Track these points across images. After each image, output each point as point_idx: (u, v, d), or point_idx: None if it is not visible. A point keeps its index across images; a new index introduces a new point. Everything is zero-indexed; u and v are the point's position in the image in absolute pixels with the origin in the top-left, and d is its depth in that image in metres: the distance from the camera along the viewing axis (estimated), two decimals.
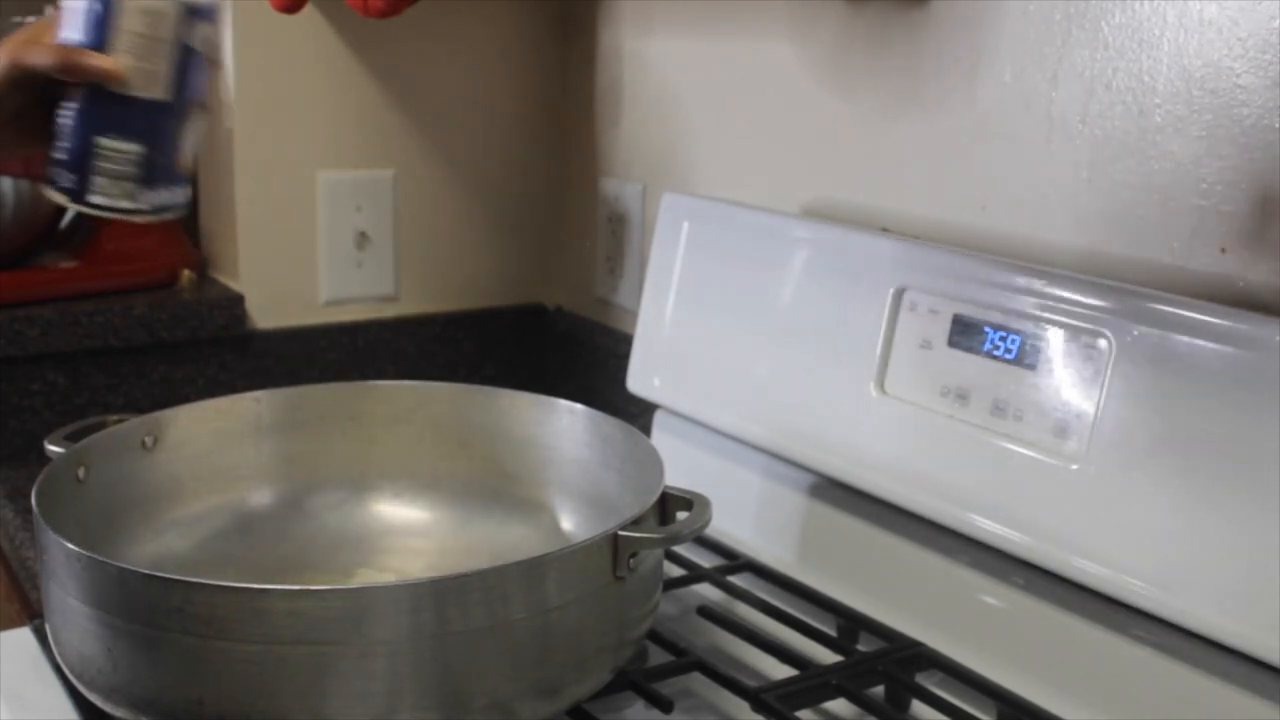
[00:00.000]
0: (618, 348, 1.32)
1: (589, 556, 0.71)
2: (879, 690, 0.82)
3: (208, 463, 0.92)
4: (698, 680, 0.82)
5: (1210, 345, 0.74)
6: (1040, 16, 0.90)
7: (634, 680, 0.79)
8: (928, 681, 0.82)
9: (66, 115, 0.78)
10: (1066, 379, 0.81)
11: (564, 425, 0.93)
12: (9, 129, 0.80)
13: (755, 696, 0.78)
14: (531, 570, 0.69)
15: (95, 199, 0.79)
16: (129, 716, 0.69)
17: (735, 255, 1.05)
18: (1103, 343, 0.79)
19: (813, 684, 0.81)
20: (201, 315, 1.30)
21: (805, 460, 0.98)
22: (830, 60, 1.07)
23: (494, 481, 0.96)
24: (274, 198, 1.32)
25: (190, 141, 0.82)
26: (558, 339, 1.46)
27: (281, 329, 1.35)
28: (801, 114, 1.10)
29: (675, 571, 0.95)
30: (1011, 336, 0.84)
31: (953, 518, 0.87)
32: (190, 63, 0.81)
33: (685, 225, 1.11)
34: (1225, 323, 0.74)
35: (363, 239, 1.37)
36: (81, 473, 0.82)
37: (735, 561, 0.98)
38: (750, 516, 1.05)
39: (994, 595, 0.87)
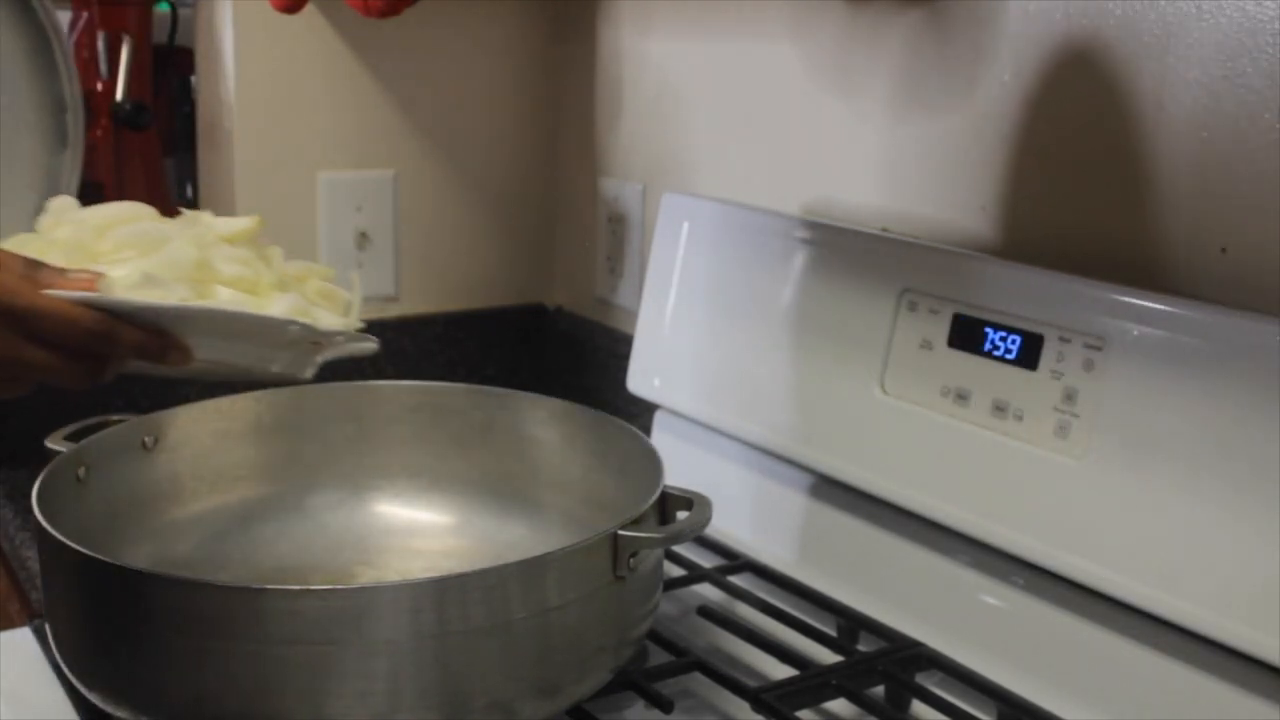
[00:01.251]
0: (618, 348, 1.32)
1: (589, 556, 0.71)
2: (879, 690, 0.82)
3: (208, 463, 0.92)
4: (698, 680, 0.82)
5: (1210, 345, 0.74)
6: (1040, 16, 0.90)
7: (634, 680, 0.79)
8: (928, 681, 0.82)
9: None
10: (1066, 379, 0.81)
11: (564, 425, 0.93)
12: None
13: (755, 696, 0.78)
14: (531, 570, 0.69)
15: None
16: (129, 716, 0.69)
17: (735, 255, 1.05)
18: (1102, 343, 0.79)
19: (813, 684, 0.81)
20: None
21: (805, 460, 0.98)
22: (830, 60, 1.07)
23: (494, 481, 0.96)
24: (274, 198, 1.32)
25: None
26: (558, 339, 1.46)
27: None
28: (801, 114, 1.10)
29: (675, 571, 0.95)
30: (1011, 336, 0.84)
31: (953, 518, 0.87)
32: None
33: (685, 225, 1.11)
34: (1225, 323, 0.74)
35: (363, 239, 1.37)
36: (81, 472, 0.82)
37: (735, 561, 0.98)
38: (750, 516, 1.05)
39: (994, 595, 0.87)
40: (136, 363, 0.72)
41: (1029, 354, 0.83)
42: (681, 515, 0.78)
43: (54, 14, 1.09)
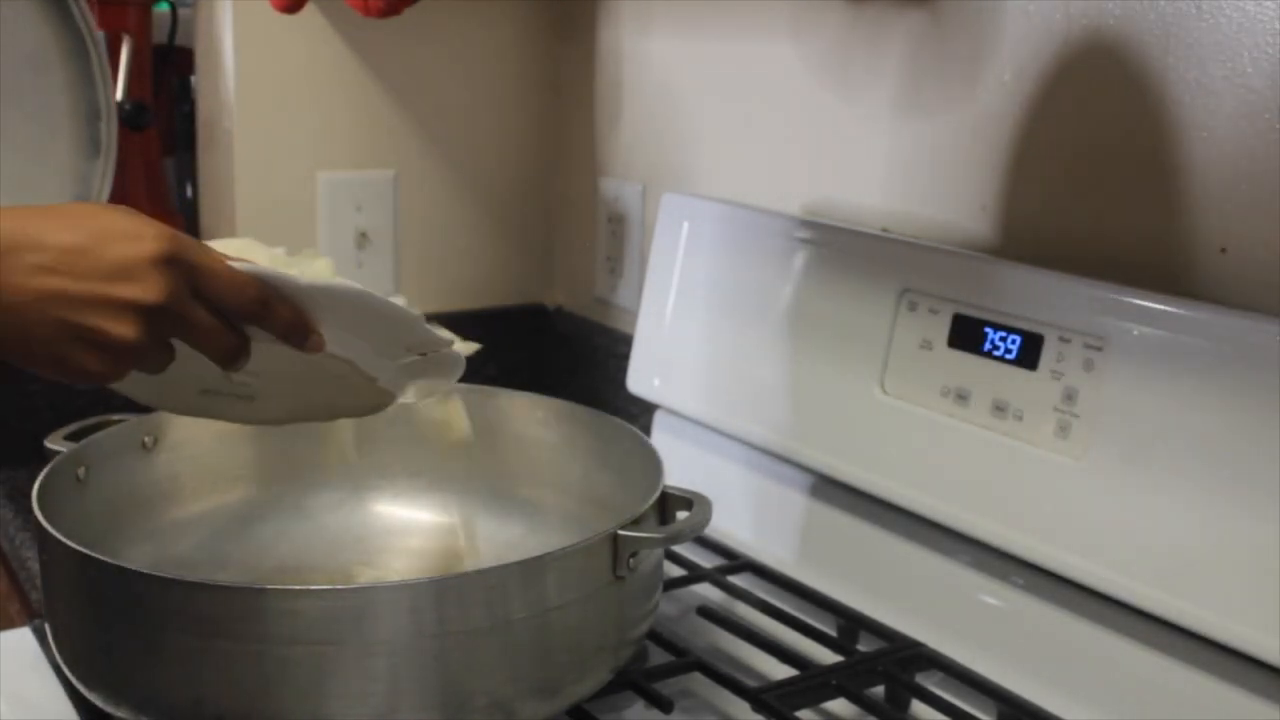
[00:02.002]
0: (618, 348, 1.32)
1: (589, 556, 0.71)
2: (879, 690, 0.82)
3: (208, 463, 0.92)
4: (698, 680, 0.82)
5: (1210, 345, 0.74)
6: (1040, 16, 0.90)
7: (634, 680, 0.79)
8: (928, 681, 0.82)
9: None
10: (1066, 379, 0.81)
11: (564, 425, 0.93)
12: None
13: (755, 696, 0.78)
14: (531, 570, 0.69)
15: None
16: (129, 716, 0.69)
17: (735, 255, 1.05)
18: (1103, 343, 0.79)
19: (813, 684, 0.81)
20: None
21: (805, 460, 0.98)
22: (830, 60, 1.07)
23: (494, 481, 0.96)
24: (274, 198, 1.32)
25: None
26: (558, 339, 1.46)
27: None
28: (801, 114, 1.10)
29: (675, 571, 0.95)
30: (1011, 336, 0.84)
31: (953, 518, 0.87)
32: None
33: (685, 225, 1.11)
34: (1225, 322, 0.74)
35: (363, 239, 1.37)
36: (81, 472, 0.82)
37: (735, 561, 0.98)
38: (750, 516, 1.05)
39: (994, 595, 0.87)
40: (240, 405, 0.76)
41: (1029, 354, 0.83)
42: (681, 515, 0.78)
43: (92, 21, 1.09)
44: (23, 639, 0.86)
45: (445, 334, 0.77)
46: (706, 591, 0.95)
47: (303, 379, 0.74)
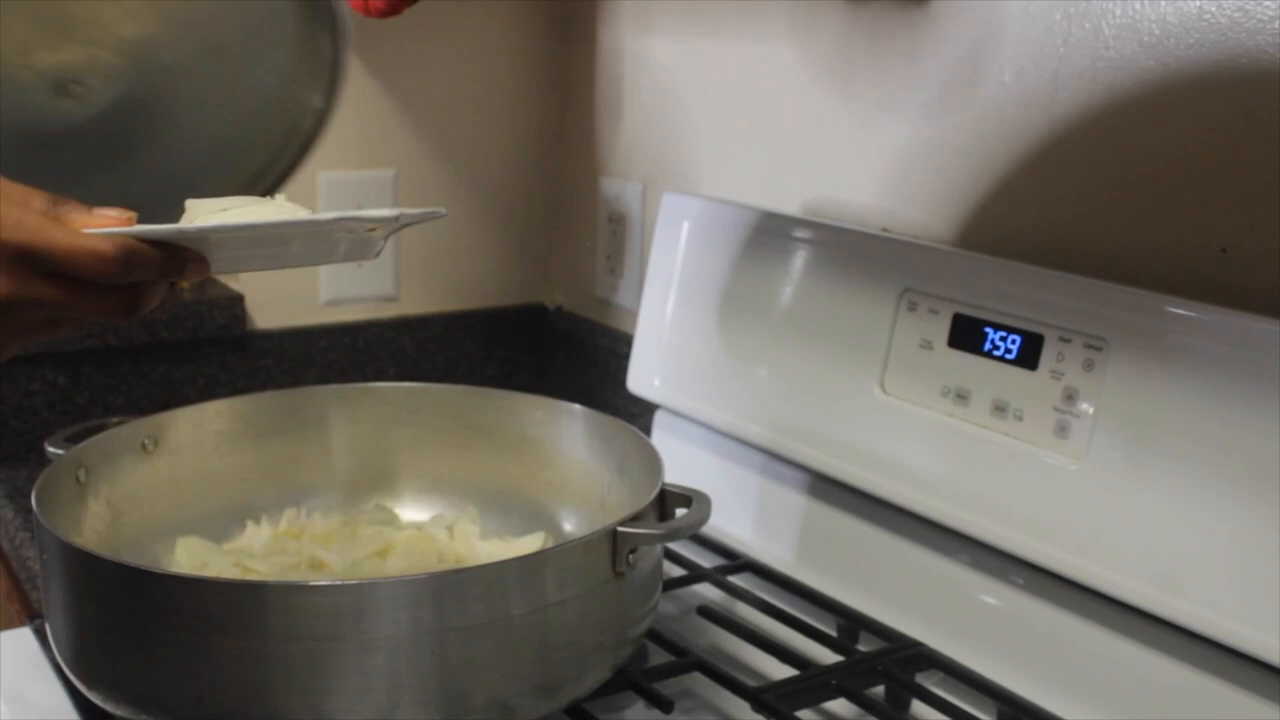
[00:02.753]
0: (618, 348, 1.32)
1: (588, 552, 0.71)
2: (879, 690, 0.82)
3: (207, 464, 0.92)
4: (698, 680, 0.82)
5: (1210, 345, 0.74)
6: (1040, 16, 0.90)
7: (634, 680, 0.79)
8: (928, 681, 0.82)
9: None
10: (1066, 379, 0.81)
11: (564, 425, 0.93)
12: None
13: (755, 696, 0.78)
14: (530, 566, 0.69)
15: None
16: (129, 715, 0.69)
17: (735, 255, 1.05)
18: (1102, 343, 0.79)
19: (813, 684, 0.81)
20: (201, 315, 1.30)
21: (805, 460, 0.98)
22: (830, 60, 1.07)
23: (494, 481, 0.96)
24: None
25: None
26: (558, 339, 1.46)
27: (281, 329, 1.35)
28: (801, 114, 1.10)
29: (675, 571, 0.95)
30: (1011, 336, 0.84)
31: (953, 518, 0.87)
32: None
33: (685, 225, 1.11)
34: (1225, 323, 0.74)
35: None
36: (82, 474, 0.82)
37: (735, 561, 0.98)
38: (750, 516, 1.05)
39: (994, 595, 0.87)
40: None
41: (1029, 354, 0.83)
42: (681, 512, 0.78)
43: None
44: (23, 639, 0.86)
45: (383, 212, 0.74)
46: (706, 591, 0.95)
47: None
